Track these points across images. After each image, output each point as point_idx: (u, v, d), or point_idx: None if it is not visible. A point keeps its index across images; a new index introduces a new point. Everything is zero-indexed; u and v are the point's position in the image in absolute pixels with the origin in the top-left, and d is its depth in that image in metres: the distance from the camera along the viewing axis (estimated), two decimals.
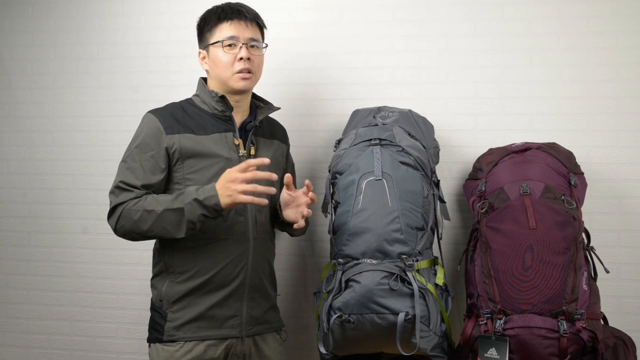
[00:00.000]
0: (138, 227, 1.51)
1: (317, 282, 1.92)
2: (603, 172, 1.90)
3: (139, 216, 1.50)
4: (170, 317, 1.57)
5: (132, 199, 1.52)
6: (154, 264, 1.66)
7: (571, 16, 1.93)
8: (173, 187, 1.59)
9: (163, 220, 1.49)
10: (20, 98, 2.24)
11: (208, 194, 1.47)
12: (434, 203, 1.66)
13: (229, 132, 1.62)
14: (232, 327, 1.59)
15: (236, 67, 1.59)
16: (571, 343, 1.45)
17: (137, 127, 1.62)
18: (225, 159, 1.59)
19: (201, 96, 1.66)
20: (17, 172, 2.25)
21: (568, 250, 1.52)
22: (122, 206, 1.52)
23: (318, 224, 2.05)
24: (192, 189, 1.50)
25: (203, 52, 1.66)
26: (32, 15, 2.23)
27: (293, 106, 2.06)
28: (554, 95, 1.93)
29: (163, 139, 1.56)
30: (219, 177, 1.54)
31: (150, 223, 1.50)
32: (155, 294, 1.62)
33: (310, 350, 2.04)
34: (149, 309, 1.65)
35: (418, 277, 1.50)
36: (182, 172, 1.57)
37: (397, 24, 2.02)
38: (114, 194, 1.56)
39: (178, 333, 1.56)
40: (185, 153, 1.57)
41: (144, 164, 1.55)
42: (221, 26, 1.60)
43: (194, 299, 1.57)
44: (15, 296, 2.24)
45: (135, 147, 1.58)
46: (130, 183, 1.54)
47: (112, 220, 1.55)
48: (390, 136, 1.64)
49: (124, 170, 1.56)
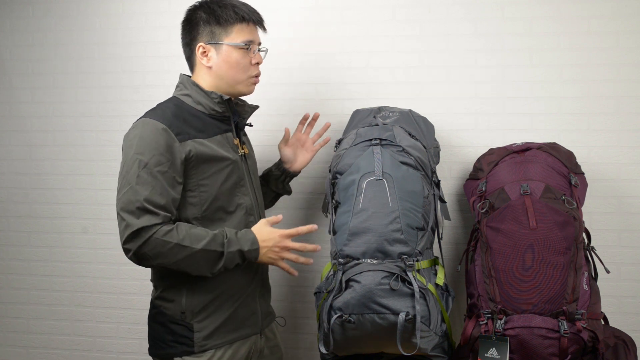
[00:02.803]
0: (165, 258, 1.40)
1: (317, 282, 1.92)
2: (603, 172, 1.90)
3: (169, 248, 1.39)
4: (197, 327, 1.50)
5: (158, 224, 1.39)
6: (160, 276, 1.55)
7: (571, 16, 1.93)
8: (186, 195, 1.49)
9: (197, 259, 1.42)
10: (21, 98, 2.24)
11: (251, 246, 1.47)
12: (434, 203, 1.66)
13: (228, 133, 1.59)
14: (253, 324, 1.60)
15: (252, 72, 1.58)
16: (572, 343, 1.45)
17: (136, 133, 1.44)
18: (233, 161, 1.56)
19: (193, 96, 1.55)
20: (18, 172, 2.25)
21: (568, 250, 1.52)
22: (148, 231, 1.38)
23: (318, 224, 2.04)
24: (233, 235, 1.47)
25: (207, 47, 1.54)
26: (32, 15, 2.23)
27: (293, 106, 2.06)
28: (554, 95, 1.93)
29: (177, 147, 1.44)
30: (229, 181, 1.54)
31: (180, 257, 1.40)
32: (173, 308, 1.51)
33: (310, 350, 2.04)
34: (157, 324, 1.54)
35: (418, 277, 1.50)
36: (195, 178, 1.49)
37: (397, 24, 2.02)
38: (133, 214, 1.38)
39: (209, 342, 1.51)
40: (200, 159, 1.48)
41: (164, 178, 1.41)
42: (240, 26, 1.54)
43: (218, 305, 1.53)
44: (15, 296, 2.24)
45: (148, 158, 1.41)
46: (155, 202, 1.39)
47: (134, 244, 1.38)
48: (391, 136, 1.64)
49: (141, 186, 1.39)
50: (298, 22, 2.07)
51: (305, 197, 2.06)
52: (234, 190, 1.56)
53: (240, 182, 1.58)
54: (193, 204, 1.51)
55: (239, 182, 1.58)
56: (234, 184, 1.56)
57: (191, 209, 1.51)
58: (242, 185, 1.58)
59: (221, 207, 1.53)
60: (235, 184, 1.57)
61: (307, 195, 2.06)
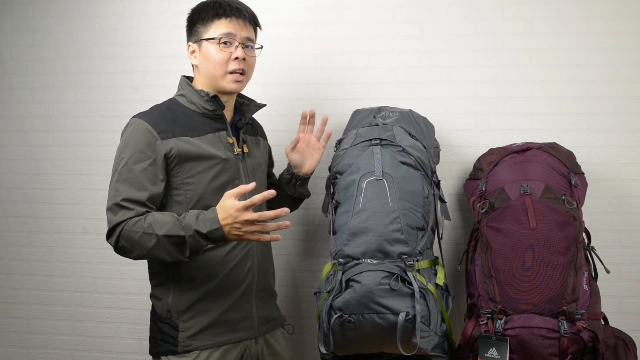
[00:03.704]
0: (139, 248, 1.42)
1: (317, 282, 1.92)
2: (603, 172, 1.90)
3: (138, 237, 1.41)
4: (182, 326, 1.51)
5: (130, 217, 1.43)
6: (153, 273, 1.57)
7: (571, 16, 1.93)
8: (172, 193, 1.51)
9: (164, 245, 1.41)
10: (21, 98, 2.24)
11: (211, 227, 1.37)
12: (434, 203, 1.66)
13: (222, 131, 1.58)
14: (246, 329, 1.57)
15: (230, 67, 1.55)
16: (572, 343, 1.45)
17: (124, 133, 1.51)
18: (223, 160, 1.55)
19: (187, 96, 1.58)
20: (18, 172, 2.25)
21: (568, 250, 1.52)
22: (120, 226, 1.43)
23: (318, 224, 2.05)
24: (192, 218, 1.40)
25: (193, 45, 1.59)
26: (32, 15, 2.23)
27: (293, 106, 2.06)
28: (554, 95, 1.93)
29: (158, 145, 1.47)
30: (217, 180, 1.52)
31: (150, 245, 1.41)
32: (160, 305, 1.54)
33: (310, 350, 2.04)
34: (151, 322, 1.57)
35: (418, 277, 1.50)
36: (180, 176, 1.51)
37: (397, 24, 2.02)
38: (112, 211, 1.45)
39: (194, 342, 1.50)
40: (184, 157, 1.50)
41: (142, 175, 1.45)
42: (218, 22, 1.55)
43: (205, 305, 1.52)
44: (15, 296, 2.24)
45: (129, 156, 1.46)
46: (130, 198, 1.44)
47: (112, 240, 1.45)
48: (391, 136, 1.64)
49: (121, 183, 1.45)
50: (298, 22, 2.07)
51: None
52: (225, 188, 1.52)
53: (234, 181, 1.56)
54: (179, 202, 1.51)
55: (231, 181, 1.56)
56: (224, 182, 1.55)
57: (177, 207, 1.51)
58: (235, 185, 1.55)
59: (209, 206, 1.49)
60: (226, 182, 1.55)
61: None
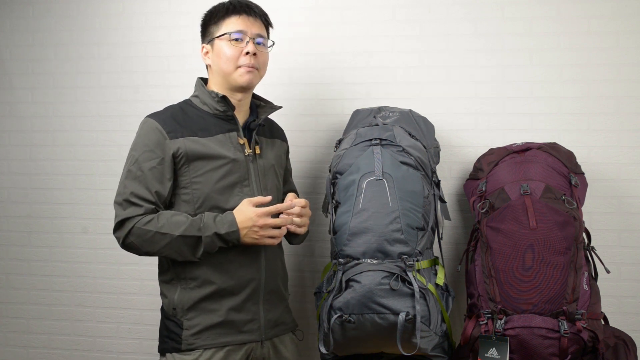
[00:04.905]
0: (149, 246, 1.47)
1: (317, 282, 1.92)
2: (603, 172, 1.90)
3: (150, 236, 1.46)
4: (187, 324, 1.51)
5: (141, 214, 1.47)
6: (161, 270, 1.59)
7: (571, 16, 1.93)
8: (179, 192, 1.53)
9: (177, 245, 1.47)
10: (21, 98, 2.25)
11: (229, 229, 1.46)
12: (434, 203, 1.66)
13: (233, 132, 1.58)
14: (252, 331, 1.55)
15: (241, 61, 1.56)
16: (572, 343, 1.45)
17: (137, 132, 1.56)
18: (232, 160, 1.55)
19: (201, 97, 1.61)
20: (18, 172, 2.25)
21: (568, 250, 1.52)
22: (131, 222, 1.47)
23: (318, 224, 2.05)
24: (210, 220, 1.47)
25: (207, 46, 1.61)
26: (32, 15, 2.23)
27: (293, 106, 2.06)
28: (554, 95, 1.93)
29: (167, 144, 1.51)
30: (225, 180, 1.53)
31: (162, 245, 1.46)
32: (166, 303, 1.56)
33: (310, 350, 2.04)
34: (160, 319, 1.59)
35: (419, 277, 1.50)
36: (188, 176, 1.52)
37: (397, 24, 2.02)
38: (122, 206, 1.49)
39: (197, 341, 1.51)
40: (191, 156, 1.52)
41: (150, 173, 1.50)
42: (229, 20, 1.57)
43: (210, 305, 1.52)
44: (15, 296, 2.24)
45: (139, 154, 1.51)
46: (140, 195, 1.48)
47: (120, 234, 1.49)
48: (391, 136, 1.64)
49: (131, 180, 1.50)
50: (298, 22, 2.08)
51: (305, 197, 2.06)
52: (233, 189, 1.54)
53: (243, 182, 1.56)
54: (186, 202, 1.53)
55: (241, 182, 1.56)
56: (233, 183, 1.55)
57: (184, 206, 1.53)
58: (244, 185, 1.56)
59: (216, 206, 1.52)
60: (235, 183, 1.55)
61: (307, 195, 2.06)
